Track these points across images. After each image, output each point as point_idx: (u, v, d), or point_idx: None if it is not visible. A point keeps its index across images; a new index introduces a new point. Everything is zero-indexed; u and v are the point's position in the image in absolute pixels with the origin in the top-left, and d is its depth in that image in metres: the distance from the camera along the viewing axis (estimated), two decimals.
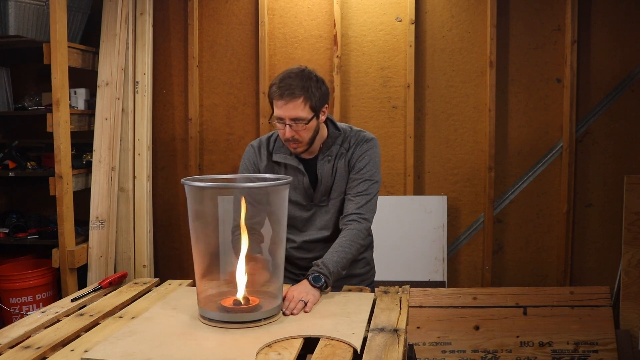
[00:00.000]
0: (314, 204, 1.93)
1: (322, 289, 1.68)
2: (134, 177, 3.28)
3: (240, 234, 1.52)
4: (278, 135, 1.94)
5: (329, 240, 1.90)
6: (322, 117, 1.85)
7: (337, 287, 1.84)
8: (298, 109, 1.76)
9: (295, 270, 2.00)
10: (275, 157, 1.92)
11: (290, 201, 1.90)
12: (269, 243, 1.58)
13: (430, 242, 3.27)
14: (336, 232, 1.90)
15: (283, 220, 1.59)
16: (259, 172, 1.93)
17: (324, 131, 1.91)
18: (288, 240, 1.93)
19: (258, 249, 1.59)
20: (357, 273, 2.00)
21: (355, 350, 1.35)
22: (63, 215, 3.01)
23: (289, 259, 1.96)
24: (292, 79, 1.76)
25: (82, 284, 3.16)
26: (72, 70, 3.08)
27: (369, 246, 2.07)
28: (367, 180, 1.88)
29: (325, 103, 1.84)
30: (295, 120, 1.77)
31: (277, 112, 1.78)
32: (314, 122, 1.81)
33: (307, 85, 1.77)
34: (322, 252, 1.88)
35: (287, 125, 1.77)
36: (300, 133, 1.79)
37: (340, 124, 1.95)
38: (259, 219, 1.56)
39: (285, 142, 1.84)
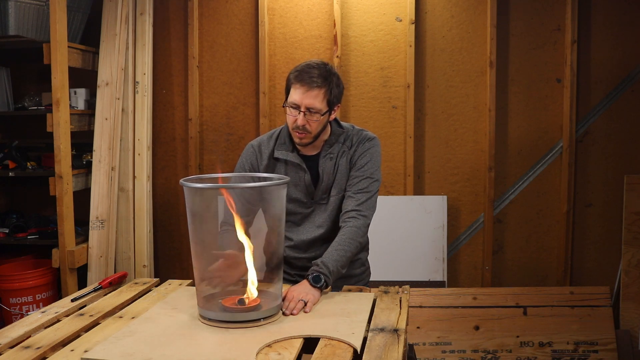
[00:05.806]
0: (315, 201, 1.93)
1: (322, 289, 1.68)
2: (134, 177, 3.28)
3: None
4: (280, 133, 1.95)
5: (325, 239, 1.90)
6: (333, 115, 1.88)
7: (336, 287, 1.84)
8: (317, 99, 1.78)
9: (291, 271, 1.98)
10: (277, 154, 1.92)
11: (291, 198, 1.90)
12: (266, 243, 1.58)
13: (430, 242, 3.27)
14: (333, 229, 1.90)
15: (281, 220, 1.59)
16: (257, 171, 1.93)
17: (327, 129, 1.92)
18: (285, 238, 1.92)
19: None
20: (353, 274, 2.00)
21: (355, 350, 1.34)
22: (63, 215, 3.01)
23: (285, 259, 1.95)
24: (316, 69, 1.79)
25: (82, 284, 3.16)
26: (72, 70, 3.08)
27: (364, 247, 2.05)
28: (368, 178, 1.88)
29: (339, 102, 1.87)
30: (310, 109, 1.78)
31: (295, 97, 1.79)
32: (326, 117, 1.83)
33: (329, 79, 1.80)
34: (318, 251, 1.87)
35: (301, 113, 1.79)
36: (311, 123, 1.81)
37: (344, 123, 1.97)
38: (251, 217, 1.56)
39: (292, 130, 1.85)
